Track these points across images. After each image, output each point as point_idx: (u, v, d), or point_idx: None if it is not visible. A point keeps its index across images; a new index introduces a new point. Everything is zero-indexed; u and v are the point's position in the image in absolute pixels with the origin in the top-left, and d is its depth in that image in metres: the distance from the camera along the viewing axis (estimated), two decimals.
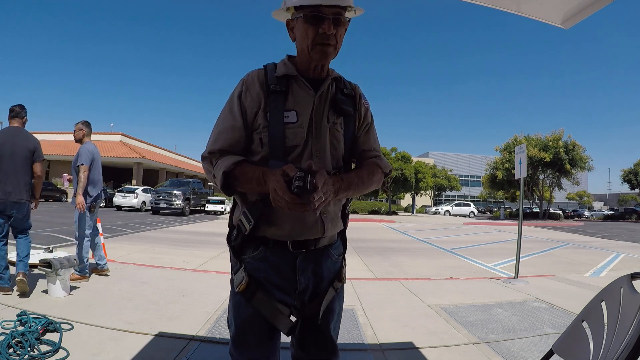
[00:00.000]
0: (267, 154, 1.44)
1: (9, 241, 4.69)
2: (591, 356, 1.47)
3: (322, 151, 1.50)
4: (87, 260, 5.36)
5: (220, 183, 1.39)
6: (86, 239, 5.37)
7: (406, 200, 58.63)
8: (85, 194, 5.38)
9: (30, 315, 3.54)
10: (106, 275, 5.67)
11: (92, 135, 5.77)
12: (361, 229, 19.02)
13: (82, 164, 5.34)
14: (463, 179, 72.95)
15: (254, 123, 1.47)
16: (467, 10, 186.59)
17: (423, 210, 56.71)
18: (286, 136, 1.43)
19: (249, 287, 1.47)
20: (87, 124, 5.66)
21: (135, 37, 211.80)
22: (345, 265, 1.70)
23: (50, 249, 6.33)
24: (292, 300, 1.51)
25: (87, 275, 5.37)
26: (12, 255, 4.95)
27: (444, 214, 50.06)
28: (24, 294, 4.41)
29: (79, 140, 5.63)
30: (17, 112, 4.77)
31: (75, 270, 5.10)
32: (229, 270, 1.61)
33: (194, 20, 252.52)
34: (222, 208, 25.87)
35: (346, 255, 1.71)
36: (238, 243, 1.49)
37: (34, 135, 4.89)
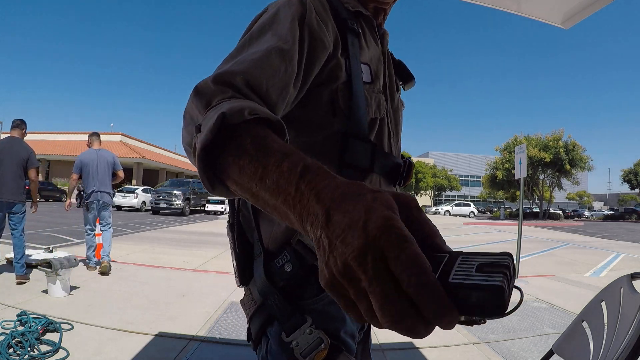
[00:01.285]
0: (343, 128, 0.88)
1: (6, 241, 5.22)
2: (591, 356, 1.47)
3: (397, 136, 1.05)
4: (92, 252, 5.96)
5: (202, 142, 0.58)
6: (85, 235, 6.06)
7: None
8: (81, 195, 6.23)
9: (30, 315, 3.54)
10: (104, 273, 5.73)
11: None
12: None
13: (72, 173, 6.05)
14: (463, 179, 72.99)
15: (324, 68, 0.86)
16: (467, 10, 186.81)
17: (423, 210, 56.64)
18: (369, 103, 0.92)
19: (331, 354, 0.81)
20: (91, 134, 6.25)
21: (135, 37, 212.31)
22: None
23: (50, 249, 6.32)
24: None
25: (93, 265, 5.90)
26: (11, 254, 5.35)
27: (444, 214, 50.03)
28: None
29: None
30: (18, 125, 5.35)
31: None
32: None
33: (195, 21, 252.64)
34: (222, 208, 25.71)
35: None
36: (298, 278, 0.83)
37: (29, 144, 5.43)
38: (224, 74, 0.71)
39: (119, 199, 25.00)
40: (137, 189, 26.73)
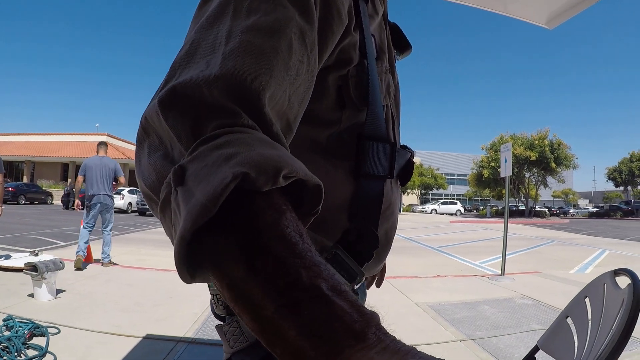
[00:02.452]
0: (350, 123, 0.69)
1: None
2: (575, 351, 1.50)
3: (399, 119, 0.87)
4: (84, 242, 6.34)
5: (195, 218, 0.32)
6: (81, 228, 6.44)
7: None
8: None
9: (17, 320, 3.48)
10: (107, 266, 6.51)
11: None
12: None
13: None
14: (449, 177, 73.38)
15: (335, 48, 0.62)
16: (453, 11, 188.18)
17: (410, 209, 56.91)
18: (382, 90, 0.74)
19: None
20: (99, 143, 6.83)
21: (121, 38, 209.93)
22: None
23: (36, 252, 6.24)
24: None
25: (81, 254, 6.23)
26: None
27: (431, 213, 50.30)
28: None
29: None
30: None
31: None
32: None
33: (180, 22, 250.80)
34: None
35: None
36: None
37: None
38: (233, 74, 0.41)
39: None
40: (123, 190, 26.41)
